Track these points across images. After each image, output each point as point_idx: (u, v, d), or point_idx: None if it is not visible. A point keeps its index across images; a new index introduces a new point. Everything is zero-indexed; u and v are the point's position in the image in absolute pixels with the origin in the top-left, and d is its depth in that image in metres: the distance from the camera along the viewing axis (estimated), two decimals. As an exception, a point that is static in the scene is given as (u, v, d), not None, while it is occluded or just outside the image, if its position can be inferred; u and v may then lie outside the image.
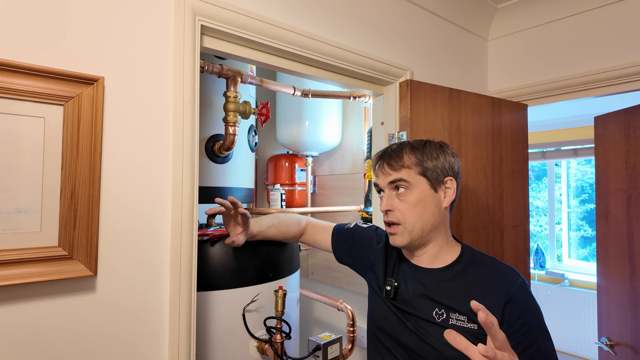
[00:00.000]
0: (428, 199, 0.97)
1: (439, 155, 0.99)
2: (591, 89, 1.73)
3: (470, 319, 0.91)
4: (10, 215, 0.78)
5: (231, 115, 1.36)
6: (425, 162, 0.98)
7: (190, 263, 1.01)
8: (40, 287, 0.83)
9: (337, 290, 2.23)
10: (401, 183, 0.97)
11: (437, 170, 0.98)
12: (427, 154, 0.99)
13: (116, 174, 0.92)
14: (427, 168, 0.98)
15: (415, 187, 0.97)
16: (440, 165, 0.99)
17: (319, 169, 2.45)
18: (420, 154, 0.99)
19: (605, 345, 1.84)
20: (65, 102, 0.83)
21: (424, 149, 1.00)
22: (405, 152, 0.99)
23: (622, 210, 1.78)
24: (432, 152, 0.99)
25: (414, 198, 0.97)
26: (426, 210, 0.97)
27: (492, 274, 0.96)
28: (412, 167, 0.98)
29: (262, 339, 1.22)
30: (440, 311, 0.95)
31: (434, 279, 0.99)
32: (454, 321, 0.93)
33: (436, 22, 1.78)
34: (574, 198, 4.17)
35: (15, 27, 0.80)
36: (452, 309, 0.94)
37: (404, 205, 0.97)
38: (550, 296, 3.84)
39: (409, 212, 0.97)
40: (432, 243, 1.01)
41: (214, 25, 1.07)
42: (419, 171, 0.98)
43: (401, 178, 0.97)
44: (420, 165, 0.98)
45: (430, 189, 0.98)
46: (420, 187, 0.97)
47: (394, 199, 0.98)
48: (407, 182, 0.97)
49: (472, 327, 0.90)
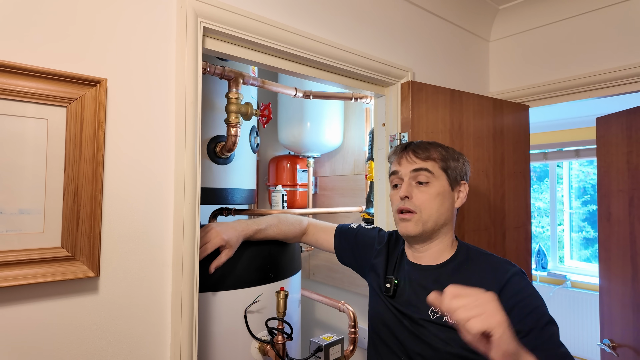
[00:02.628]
0: (446, 194, 1.01)
1: (459, 159, 1.05)
2: (593, 90, 1.72)
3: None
4: (13, 216, 0.79)
5: (233, 116, 1.36)
6: (449, 160, 1.03)
7: (192, 264, 1.01)
8: (43, 288, 0.83)
9: (339, 292, 2.23)
10: (425, 173, 1.00)
11: (457, 170, 1.03)
12: (451, 154, 1.04)
13: (118, 175, 0.92)
14: (449, 166, 1.02)
15: (437, 180, 1.00)
16: (459, 168, 1.04)
17: (321, 170, 2.45)
18: (445, 152, 1.04)
19: (607, 346, 1.83)
20: (68, 103, 0.84)
21: (447, 149, 1.05)
22: (433, 147, 1.04)
23: (624, 212, 1.78)
24: (454, 154, 1.05)
25: (435, 190, 1.00)
26: (443, 204, 1.00)
27: (486, 269, 0.96)
28: (437, 161, 1.02)
29: (263, 340, 1.22)
30: (435, 309, 0.95)
31: (431, 276, 1.00)
32: (448, 319, 0.93)
33: (437, 23, 1.78)
34: (575, 199, 4.16)
35: (18, 28, 0.80)
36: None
37: (424, 195, 0.99)
38: (552, 297, 3.84)
39: (427, 202, 0.99)
40: (438, 240, 1.02)
41: (216, 27, 1.07)
42: (442, 166, 1.02)
43: (426, 168, 1.00)
44: (445, 162, 1.02)
45: (449, 186, 1.02)
46: (441, 181, 1.01)
47: (413, 189, 1.01)
48: (431, 174, 1.00)
49: None
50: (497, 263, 0.97)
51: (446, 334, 0.92)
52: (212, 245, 1.11)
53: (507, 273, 0.93)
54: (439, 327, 0.93)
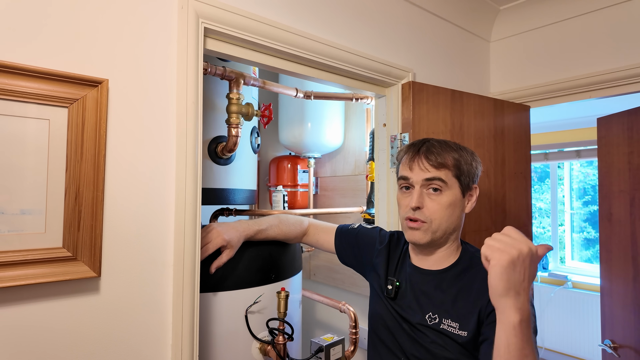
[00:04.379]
0: (457, 203, 0.97)
1: (472, 161, 0.99)
2: (594, 91, 1.72)
3: (462, 326, 0.90)
4: (14, 216, 0.79)
5: (234, 117, 1.36)
6: (461, 165, 0.96)
7: (194, 264, 1.01)
8: (45, 288, 0.83)
9: (340, 292, 2.23)
10: (439, 183, 0.95)
11: (469, 176, 0.98)
12: (464, 157, 0.98)
13: (120, 175, 0.92)
14: (463, 172, 0.97)
15: (450, 189, 0.95)
16: (472, 172, 0.99)
17: (321, 171, 2.45)
18: (459, 156, 0.97)
19: (608, 347, 1.83)
20: (70, 104, 0.84)
21: (461, 152, 0.98)
22: (446, 151, 0.97)
23: (625, 212, 1.78)
24: (467, 157, 0.98)
25: (447, 200, 0.95)
26: (454, 213, 0.96)
27: (486, 277, 0.95)
28: (451, 168, 0.96)
29: (264, 341, 1.22)
30: (433, 315, 0.95)
31: (433, 281, 0.99)
32: (445, 326, 0.92)
33: (438, 23, 1.78)
34: (576, 200, 4.16)
35: (20, 30, 0.80)
36: (446, 314, 0.93)
37: (435, 205, 0.95)
38: (553, 298, 3.83)
39: (438, 212, 0.94)
40: (446, 246, 1.00)
41: (217, 27, 1.07)
42: (456, 174, 0.96)
43: (440, 177, 0.94)
44: (457, 168, 0.96)
45: (460, 193, 0.97)
46: (454, 189, 0.96)
47: (425, 197, 0.95)
48: (444, 183, 0.95)
49: (462, 334, 0.90)
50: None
51: (443, 340, 0.92)
52: (213, 245, 1.11)
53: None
54: (437, 333, 0.93)
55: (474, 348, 0.89)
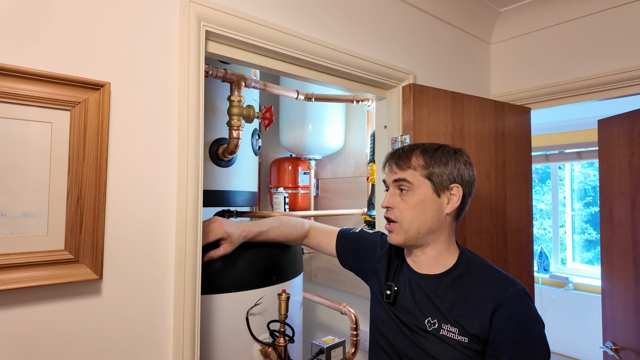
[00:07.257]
0: (428, 202, 0.98)
1: (449, 162, 0.99)
2: (595, 92, 1.72)
3: (462, 332, 0.90)
4: (17, 219, 0.79)
5: (235, 119, 1.37)
6: (432, 166, 0.98)
7: (195, 266, 1.01)
8: (47, 291, 0.83)
9: (340, 294, 2.23)
10: (404, 184, 0.99)
11: (443, 175, 0.98)
12: (437, 159, 0.99)
13: (122, 178, 0.92)
14: (433, 172, 0.98)
15: (417, 189, 0.98)
16: (447, 172, 0.98)
17: (322, 172, 2.46)
18: (430, 158, 0.99)
19: (610, 349, 1.83)
20: (72, 107, 0.84)
21: (434, 154, 1.00)
22: (415, 154, 1.01)
23: (626, 214, 1.78)
24: (442, 158, 0.99)
25: (415, 199, 0.98)
26: (425, 212, 0.98)
27: (486, 283, 0.94)
28: (418, 169, 0.99)
29: (265, 343, 1.22)
30: (432, 320, 0.95)
31: (430, 285, 0.99)
32: (445, 332, 0.92)
33: (439, 26, 1.79)
34: (577, 201, 4.15)
35: (22, 33, 0.81)
36: (445, 319, 0.93)
37: (404, 205, 0.99)
38: (554, 300, 3.83)
39: (407, 212, 0.98)
40: (430, 247, 1.00)
41: (219, 30, 1.08)
42: (425, 174, 0.98)
43: (405, 178, 0.99)
44: (427, 169, 0.98)
45: (433, 193, 0.98)
46: (422, 189, 0.98)
47: (396, 197, 1.01)
48: (409, 183, 0.98)
49: (462, 339, 0.90)
50: (498, 279, 0.94)
51: (441, 346, 0.92)
52: (213, 235, 1.12)
53: (506, 291, 0.90)
54: (436, 338, 0.93)
55: (474, 353, 0.89)
